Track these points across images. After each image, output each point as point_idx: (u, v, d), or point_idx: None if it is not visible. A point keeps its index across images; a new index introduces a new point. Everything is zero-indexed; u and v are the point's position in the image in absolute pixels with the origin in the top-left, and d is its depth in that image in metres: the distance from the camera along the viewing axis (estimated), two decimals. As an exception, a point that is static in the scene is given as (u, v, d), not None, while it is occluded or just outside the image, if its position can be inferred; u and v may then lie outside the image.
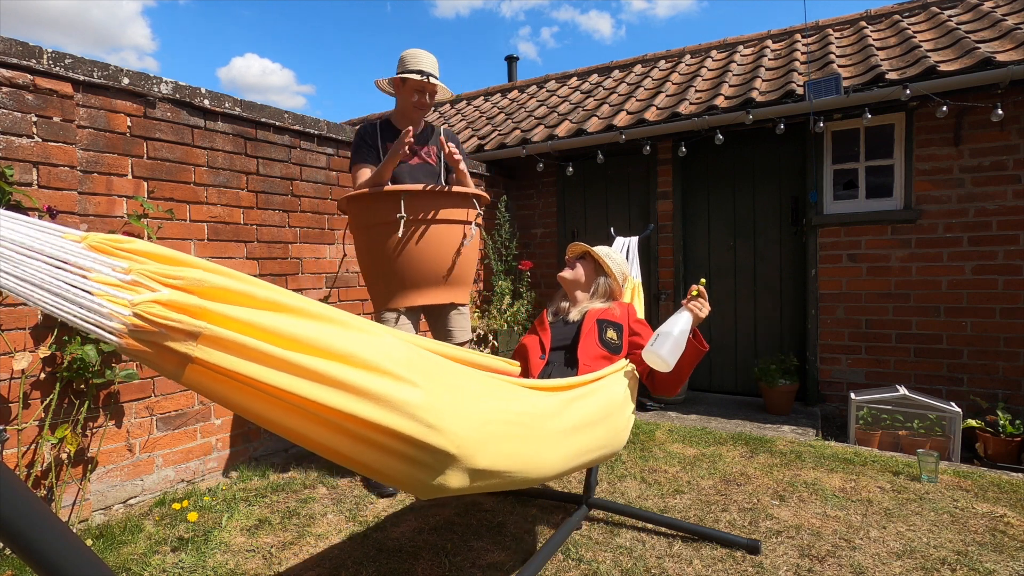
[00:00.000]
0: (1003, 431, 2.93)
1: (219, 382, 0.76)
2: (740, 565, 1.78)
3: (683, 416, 3.66)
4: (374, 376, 0.84)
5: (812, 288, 3.84)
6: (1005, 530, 1.99)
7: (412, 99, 2.43)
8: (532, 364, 1.87)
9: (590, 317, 1.93)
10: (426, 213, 2.25)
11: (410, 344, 1.02)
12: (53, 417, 2.02)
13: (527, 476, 1.16)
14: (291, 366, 0.77)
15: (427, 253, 2.27)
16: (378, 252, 2.30)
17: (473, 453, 0.97)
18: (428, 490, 0.95)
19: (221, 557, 1.89)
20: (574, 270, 2.06)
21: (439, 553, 1.89)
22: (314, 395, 0.78)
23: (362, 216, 2.36)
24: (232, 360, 0.73)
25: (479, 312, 4.42)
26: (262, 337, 0.76)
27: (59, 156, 2.08)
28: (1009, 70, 2.94)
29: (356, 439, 0.85)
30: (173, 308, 0.69)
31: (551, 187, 4.90)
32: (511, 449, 1.10)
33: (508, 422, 1.13)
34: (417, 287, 2.31)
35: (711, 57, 5.12)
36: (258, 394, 0.79)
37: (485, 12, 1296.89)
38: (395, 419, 0.84)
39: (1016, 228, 3.30)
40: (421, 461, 0.90)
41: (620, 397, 1.64)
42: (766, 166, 4.07)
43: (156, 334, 0.68)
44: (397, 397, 0.84)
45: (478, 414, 1.04)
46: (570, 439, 1.33)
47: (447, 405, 0.94)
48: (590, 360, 1.79)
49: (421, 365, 0.95)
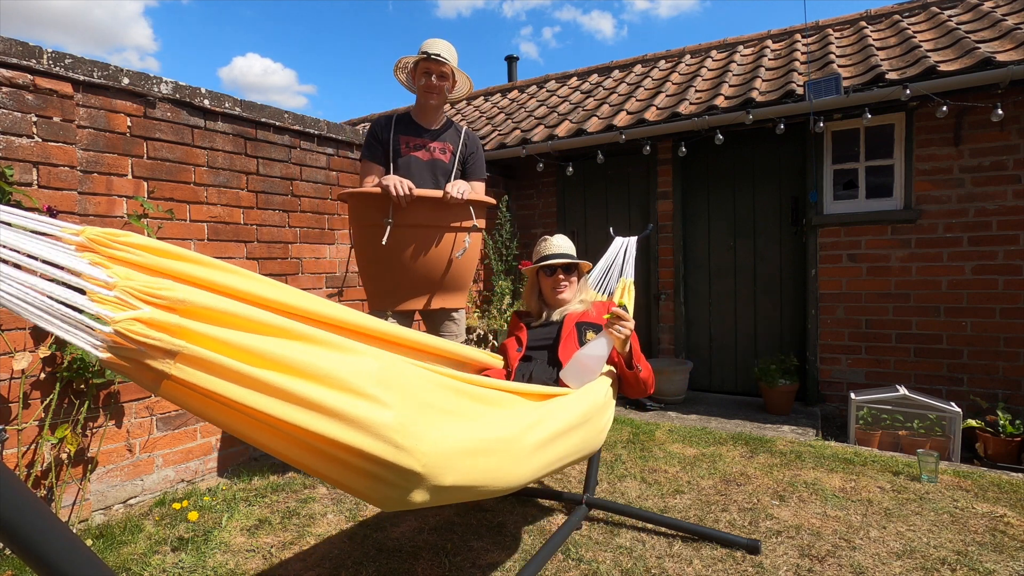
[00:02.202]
0: (1003, 431, 2.93)
1: (193, 398, 0.79)
2: (740, 565, 1.78)
3: (683, 416, 3.66)
4: (346, 396, 0.85)
5: (812, 288, 3.84)
6: (1005, 530, 1.99)
7: (421, 82, 2.39)
8: (511, 358, 1.93)
9: (569, 321, 1.97)
10: (419, 219, 2.18)
11: (388, 357, 1.02)
12: (53, 417, 2.02)
13: (495, 488, 1.16)
14: (265, 386, 0.79)
15: (416, 259, 2.20)
16: (369, 253, 2.26)
17: (440, 472, 0.98)
18: (392, 504, 0.97)
19: (221, 557, 1.89)
20: (571, 286, 2.07)
21: (439, 553, 1.89)
22: (285, 415, 0.80)
23: (356, 214, 2.33)
24: (207, 379, 0.76)
25: (479, 312, 4.42)
26: (238, 357, 0.79)
27: (59, 156, 2.08)
28: (1009, 70, 2.94)
29: (324, 456, 0.87)
30: (153, 326, 0.71)
31: (551, 187, 4.90)
32: (481, 465, 1.10)
33: (479, 438, 1.12)
34: (406, 292, 2.26)
35: (711, 57, 5.12)
36: (231, 411, 0.81)
37: (487, 12, 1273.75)
38: (363, 440, 0.85)
39: (1016, 228, 3.30)
40: (387, 479, 0.91)
41: (602, 400, 1.65)
42: (766, 166, 4.07)
43: (135, 351, 0.70)
44: (367, 417, 0.86)
45: (449, 433, 1.04)
46: (546, 449, 1.32)
47: (416, 425, 0.94)
48: None
49: (394, 382, 0.97)
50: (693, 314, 4.38)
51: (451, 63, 2.35)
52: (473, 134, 2.58)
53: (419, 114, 2.47)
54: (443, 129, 2.51)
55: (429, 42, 2.37)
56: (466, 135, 2.53)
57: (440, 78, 2.37)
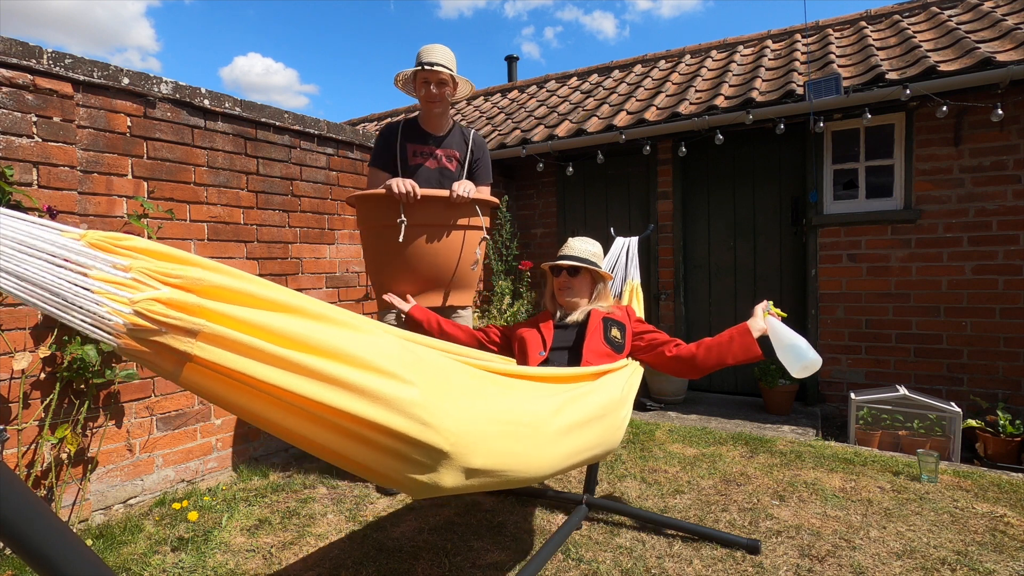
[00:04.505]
0: (1003, 431, 2.93)
1: (217, 381, 0.76)
2: (740, 565, 1.78)
3: (683, 416, 3.66)
4: (370, 374, 0.84)
5: (812, 288, 3.84)
6: (1005, 530, 1.99)
7: (421, 92, 2.39)
8: (531, 359, 1.86)
9: (595, 316, 1.94)
10: (426, 219, 2.21)
11: (407, 342, 1.02)
12: (53, 417, 2.02)
13: (522, 475, 1.16)
14: (288, 364, 0.77)
15: (425, 258, 2.24)
16: (380, 253, 2.30)
17: (468, 451, 0.97)
18: (422, 489, 0.95)
19: (221, 557, 1.89)
20: (572, 289, 2.02)
21: (439, 553, 1.89)
22: (311, 392, 0.78)
23: (365, 216, 2.36)
24: (230, 357, 0.74)
25: (479, 312, 4.42)
26: (260, 335, 0.77)
27: (59, 156, 2.08)
28: (1009, 70, 2.94)
29: (351, 437, 0.86)
30: (173, 306, 0.70)
31: (551, 187, 4.90)
32: (506, 448, 1.10)
33: (504, 421, 1.12)
34: (417, 292, 2.30)
35: (711, 57, 5.12)
36: (256, 393, 0.79)
37: (488, 12, 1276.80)
38: (390, 416, 0.84)
39: (1016, 228, 3.30)
40: (415, 459, 0.90)
41: (618, 396, 1.64)
42: (766, 166, 4.07)
43: (156, 332, 0.69)
44: (392, 395, 0.85)
45: (474, 412, 1.04)
46: (566, 438, 1.33)
47: (442, 403, 0.94)
48: (594, 358, 1.80)
49: (417, 363, 0.96)
50: (693, 314, 4.38)
51: (449, 69, 2.34)
52: (480, 138, 2.58)
53: (425, 121, 2.48)
54: (449, 134, 2.51)
55: (425, 49, 2.36)
56: (473, 141, 2.53)
57: (439, 86, 2.37)
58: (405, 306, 2.22)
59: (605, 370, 1.69)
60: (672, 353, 1.86)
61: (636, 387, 1.84)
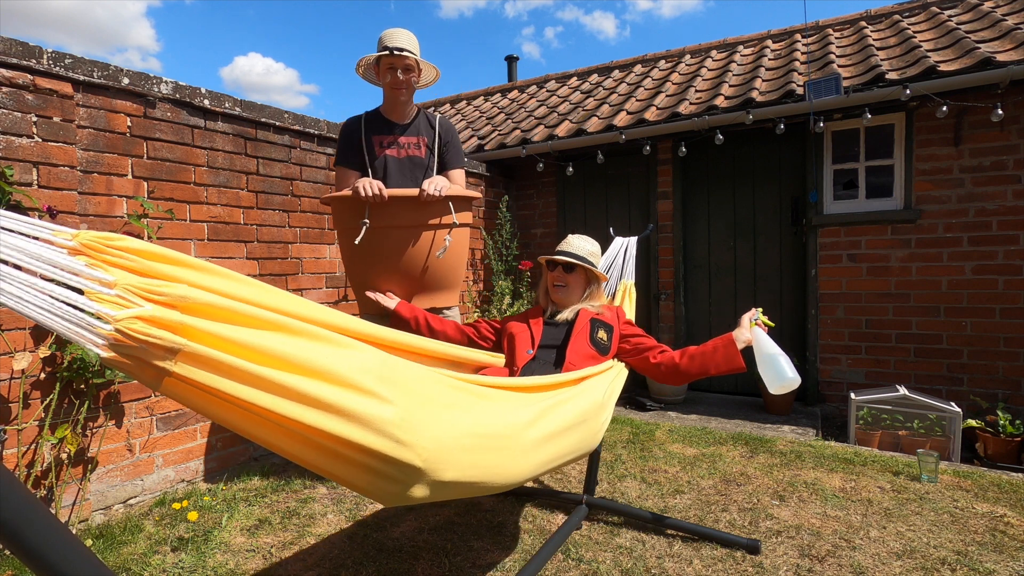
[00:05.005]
0: (1003, 431, 2.93)
1: (196, 395, 0.79)
2: (740, 565, 1.78)
3: (683, 416, 3.66)
4: (347, 392, 0.86)
5: (812, 288, 3.84)
6: (1005, 530, 1.99)
7: (386, 79, 2.29)
8: (518, 356, 1.86)
9: (583, 316, 1.94)
10: (397, 220, 2.13)
11: (387, 356, 1.03)
12: (53, 417, 2.02)
13: (496, 484, 1.17)
14: (267, 383, 0.79)
15: (397, 260, 2.16)
16: (352, 256, 2.22)
17: (441, 466, 0.98)
18: (393, 500, 0.98)
19: (221, 557, 1.89)
20: (567, 287, 2.02)
21: (439, 553, 1.89)
22: (287, 411, 0.80)
23: (337, 219, 2.29)
24: (209, 376, 0.76)
25: (479, 312, 4.42)
26: (240, 354, 0.79)
27: (59, 156, 2.08)
28: (1009, 70, 2.94)
29: (326, 452, 0.88)
30: (155, 324, 0.72)
31: (551, 187, 4.90)
32: (481, 460, 1.11)
33: (480, 434, 1.13)
34: (390, 291, 2.22)
35: (711, 57, 5.12)
36: (232, 407, 0.81)
37: (488, 12, 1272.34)
38: (365, 435, 0.86)
39: (1016, 228, 3.30)
40: (388, 474, 0.92)
41: (600, 399, 1.64)
42: (766, 166, 4.07)
43: (136, 349, 0.71)
44: (368, 413, 0.87)
45: (451, 426, 1.05)
46: (543, 447, 1.33)
47: (418, 420, 0.95)
48: (578, 359, 1.80)
49: (395, 378, 0.97)
50: (693, 314, 4.38)
51: (415, 54, 2.26)
52: (446, 120, 2.49)
53: (389, 110, 2.39)
54: (414, 121, 2.41)
55: (388, 34, 2.26)
56: (439, 124, 2.44)
57: (406, 71, 2.27)
58: (390, 304, 2.12)
59: (587, 375, 1.69)
60: (656, 360, 1.86)
61: (619, 389, 1.85)
